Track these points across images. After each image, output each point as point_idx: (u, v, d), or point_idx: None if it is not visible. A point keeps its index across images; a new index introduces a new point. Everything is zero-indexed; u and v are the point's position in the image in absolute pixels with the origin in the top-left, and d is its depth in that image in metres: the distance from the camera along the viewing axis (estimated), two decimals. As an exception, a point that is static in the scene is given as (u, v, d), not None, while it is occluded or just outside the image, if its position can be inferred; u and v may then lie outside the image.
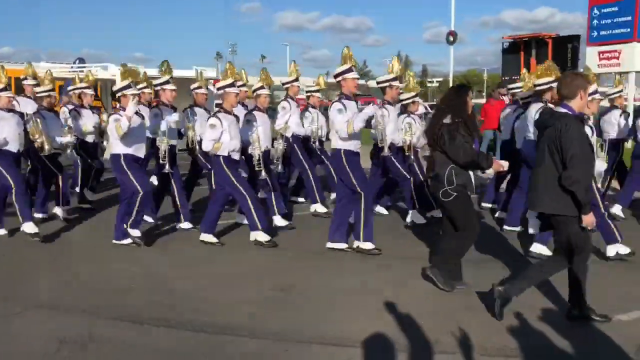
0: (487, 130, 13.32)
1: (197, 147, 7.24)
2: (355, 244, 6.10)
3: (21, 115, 6.80)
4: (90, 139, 8.10)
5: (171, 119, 6.71)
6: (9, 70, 20.16)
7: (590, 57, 13.94)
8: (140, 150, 6.34)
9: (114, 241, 6.36)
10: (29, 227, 6.35)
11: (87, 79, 8.39)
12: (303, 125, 8.01)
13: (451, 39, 26.43)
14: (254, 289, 5.09)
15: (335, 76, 6.07)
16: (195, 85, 7.69)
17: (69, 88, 8.80)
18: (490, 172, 6.29)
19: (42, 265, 5.79)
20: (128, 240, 6.29)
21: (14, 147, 6.45)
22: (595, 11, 13.95)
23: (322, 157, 8.33)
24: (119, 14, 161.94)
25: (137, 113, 6.16)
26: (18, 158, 6.74)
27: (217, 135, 6.12)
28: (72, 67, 18.40)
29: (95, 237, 6.85)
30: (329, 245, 6.19)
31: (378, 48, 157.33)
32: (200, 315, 4.45)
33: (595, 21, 13.96)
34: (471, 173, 4.85)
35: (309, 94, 8.56)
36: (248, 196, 6.22)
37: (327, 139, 8.11)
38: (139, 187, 6.13)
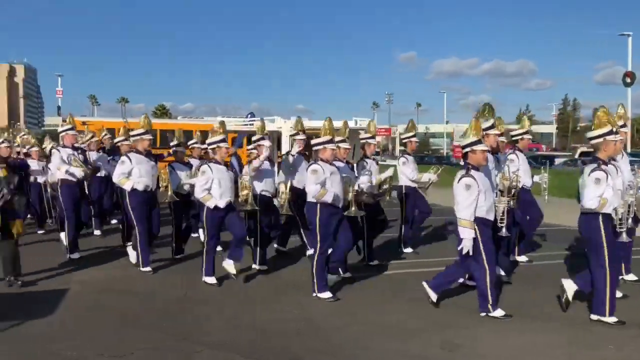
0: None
1: None
2: None
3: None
4: None
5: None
6: (189, 125, 22.26)
7: None
8: None
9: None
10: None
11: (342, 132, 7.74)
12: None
13: (628, 80, 24.39)
14: (419, 344, 4.93)
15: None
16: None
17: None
18: None
19: (213, 304, 6.14)
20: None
21: (339, 201, 6.32)
22: None
23: None
24: (282, 69, 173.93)
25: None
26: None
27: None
28: (244, 121, 20.17)
29: (261, 279, 7.16)
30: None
31: (541, 91, 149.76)
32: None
33: None
34: None
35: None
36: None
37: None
38: None
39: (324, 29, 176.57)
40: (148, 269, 7.45)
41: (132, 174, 7.37)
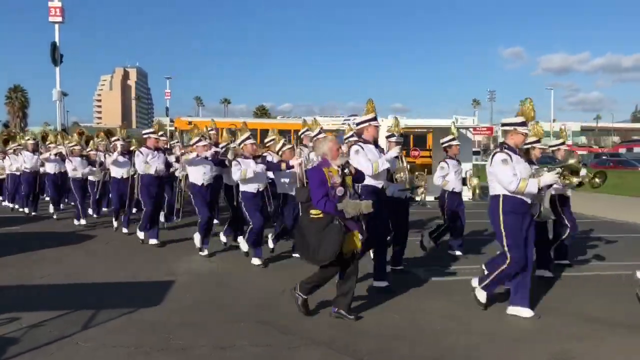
0: None
1: None
2: None
3: None
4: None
5: None
6: (286, 124, 22.62)
7: None
8: None
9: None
10: None
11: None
12: None
13: None
14: (526, 353, 4.65)
15: None
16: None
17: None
18: None
19: (311, 302, 6.07)
20: None
21: None
22: None
23: None
24: (377, 68, 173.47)
25: None
26: None
27: None
28: (343, 121, 20.42)
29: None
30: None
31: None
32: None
33: None
34: None
35: None
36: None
37: None
38: None
39: (421, 22, 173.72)
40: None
41: None
